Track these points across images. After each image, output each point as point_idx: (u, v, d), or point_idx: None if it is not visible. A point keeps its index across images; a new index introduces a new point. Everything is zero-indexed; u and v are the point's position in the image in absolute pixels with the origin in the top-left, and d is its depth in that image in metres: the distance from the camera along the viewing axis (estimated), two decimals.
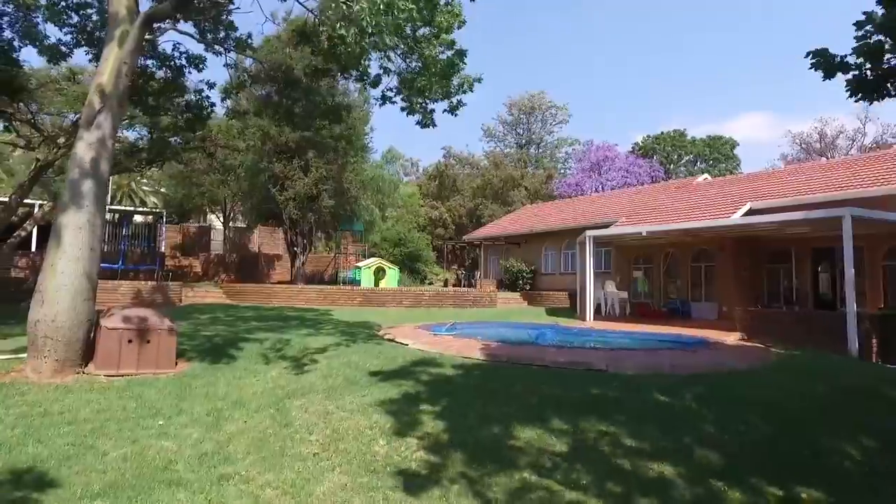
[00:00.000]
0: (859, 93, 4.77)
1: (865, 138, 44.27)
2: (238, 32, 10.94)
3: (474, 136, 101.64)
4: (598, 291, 18.72)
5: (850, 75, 4.71)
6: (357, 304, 20.68)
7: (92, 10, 10.68)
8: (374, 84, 10.64)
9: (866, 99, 4.81)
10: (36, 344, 6.86)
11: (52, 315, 6.87)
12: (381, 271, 25.15)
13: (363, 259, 27.83)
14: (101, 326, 7.26)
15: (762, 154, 79.45)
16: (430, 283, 32.29)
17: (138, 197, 37.69)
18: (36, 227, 20.83)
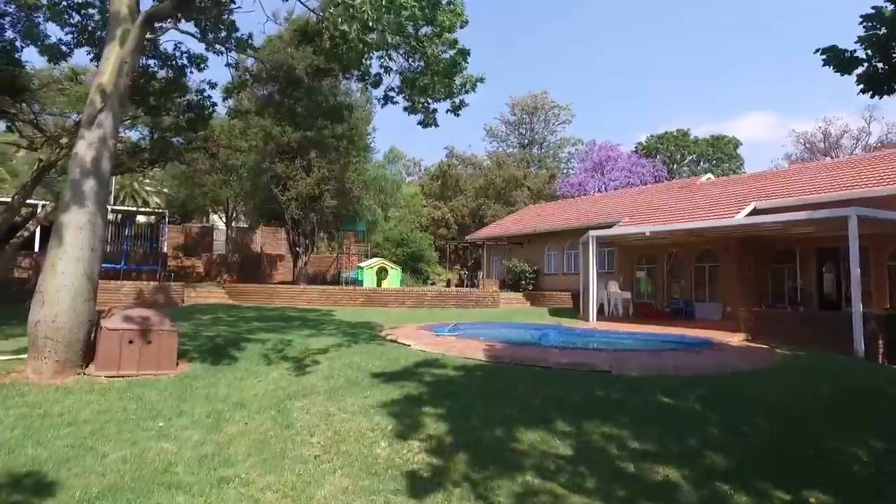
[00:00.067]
0: (870, 88, 4.70)
1: (870, 137, 44.15)
2: (239, 32, 10.93)
3: (476, 135, 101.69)
4: (601, 292, 18.64)
5: (861, 70, 4.65)
6: (359, 305, 20.66)
7: (93, 9, 10.67)
8: (376, 84, 10.59)
9: (878, 94, 4.74)
10: (36, 345, 6.83)
11: (53, 316, 6.84)
12: (383, 271, 25.12)
13: (365, 259, 27.81)
14: (101, 327, 7.23)
15: (765, 154, 79.36)
16: (432, 284, 32.24)
17: (141, 197, 37.74)
18: (39, 228, 20.83)
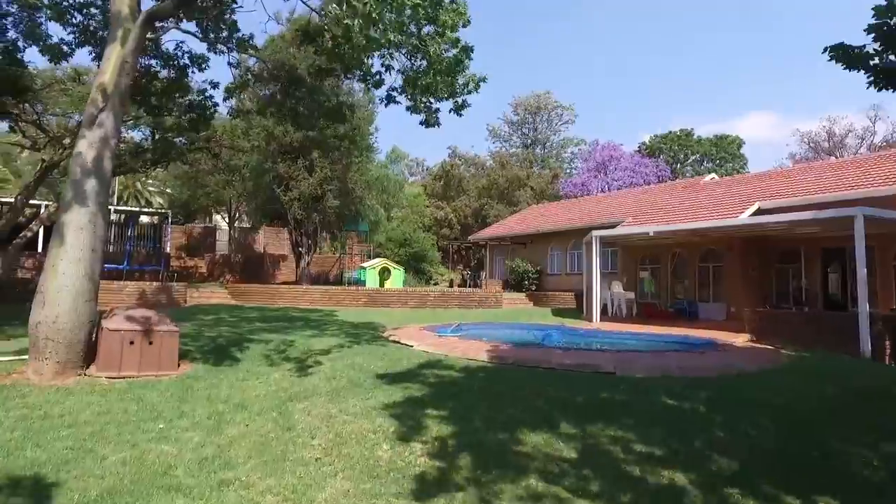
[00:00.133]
0: (882, 82, 4.62)
1: (875, 137, 43.91)
2: (241, 32, 10.89)
3: (479, 135, 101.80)
4: (604, 292, 18.56)
5: (871, 64, 4.56)
6: (362, 305, 20.62)
7: (95, 9, 10.65)
8: (377, 84, 10.54)
9: (890, 87, 4.66)
10: (37, 345, 6.80)
11: (54, 316, 6.81)
12: (386, 272, 25.07)
13: (368, 259, 27.77)
14: (102, 328, 7.20)
15: (769, 153, 79.11)
16: (435, 284, 32.19)
17: (144, 197, 37.80)
18: (42, 228, 20.86)
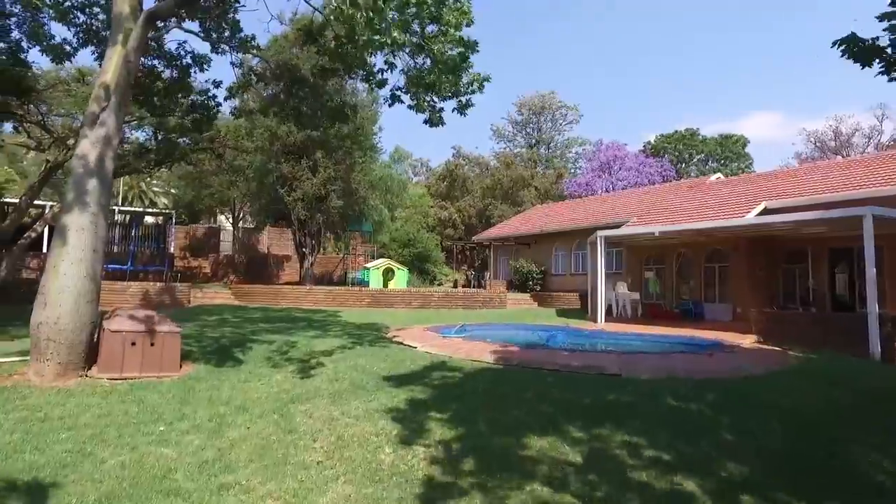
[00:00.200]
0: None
1: (882, 136, 43.59)
2: (243, 32, 10.85)
3: (482, 135, 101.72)
4: (609, 292, 18.45)
5: (884, 55, 4.42)
6: (365, 306, 20.57)
7: (98, 8, 10.62)
8: (381, 84, 10.47)
9: None
10: (38, 347, 6.76)
11: (55, 317, 6.76)
12: (389, 272, 25.02)
13: (372, 260, 27.73)
14: (104, 329, 7.15)
15: (774, 153, 78.59)
16: (439, 284, 32.13)
17: (148, 198, 37.90)
18: (47, 228, 20.90)
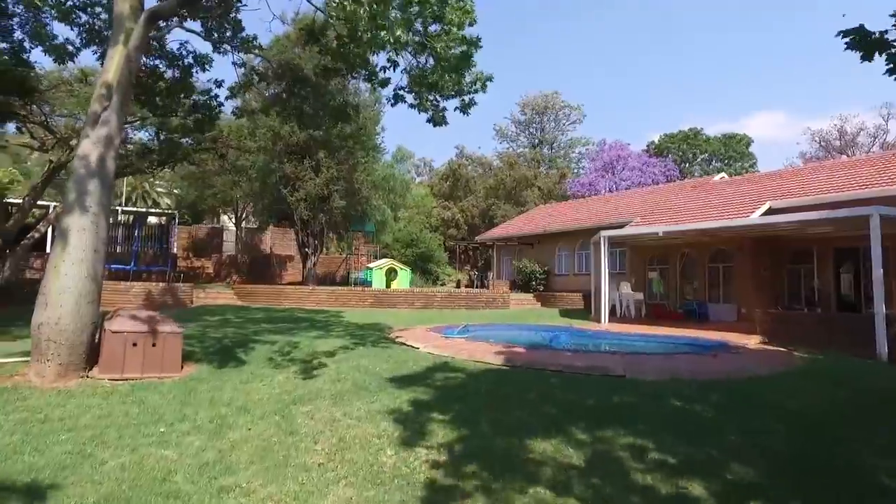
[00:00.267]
0: None
1: (888, 135, 43.37)
2: (245, 32, 10.83)
3: (485, 135, 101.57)
4: (613, 293, 18.36)
5: (893, 51, 4.34)
6: (368, 306, 20.53)
7: (100, 7, 10.60)
8: (384, 84, 10.45)
9: None
10: (39, 347, 6.73)
11: (56, 318, 6.74)
12: (392, 272, 24.98)
13: (375, 260, 27.70)
14: (105, 329, 7.13)
15: (778, 153, 78.42)
16: (442, 284, 32.09)
17: (151, 198, 37.96)
18: (50, 228, 20.93)
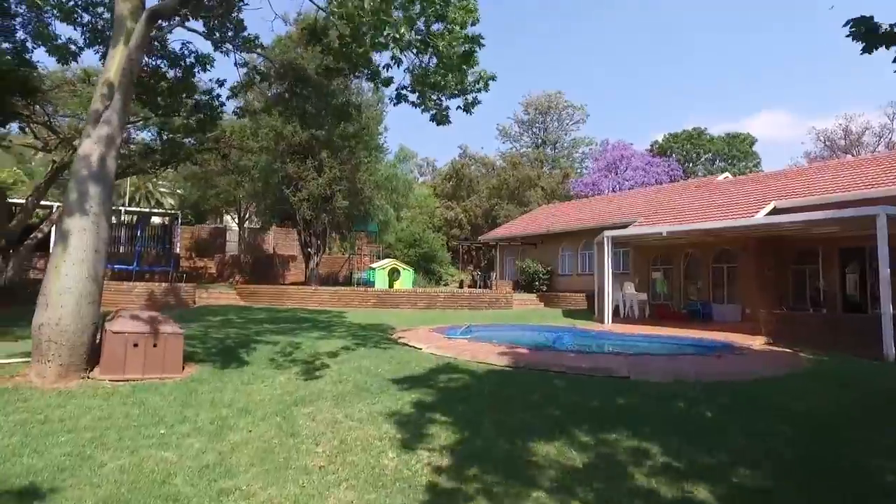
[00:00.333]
0: None
1: (893, 134, 43.12)
2: (247, 31, 10.79)
3: (488, 135, 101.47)
4: (616, 293, 18.28)
5: None
6: (371, 306, 20.49)
7: (102, 7, 10.59)
8: (386, 83, 10.41)
9: None
10: (40, 348, 6.70)
11: (56, 318, 6.71)
12: (395, 272, 24.95)
13: (377, 260, 27.68)
14: (106, 330, 7.10)
15: (783, 153, 78.10)
16: (445, 285, 32.04)
17: (155, 198, 38.01)
18: (53, 228, 20.96)
